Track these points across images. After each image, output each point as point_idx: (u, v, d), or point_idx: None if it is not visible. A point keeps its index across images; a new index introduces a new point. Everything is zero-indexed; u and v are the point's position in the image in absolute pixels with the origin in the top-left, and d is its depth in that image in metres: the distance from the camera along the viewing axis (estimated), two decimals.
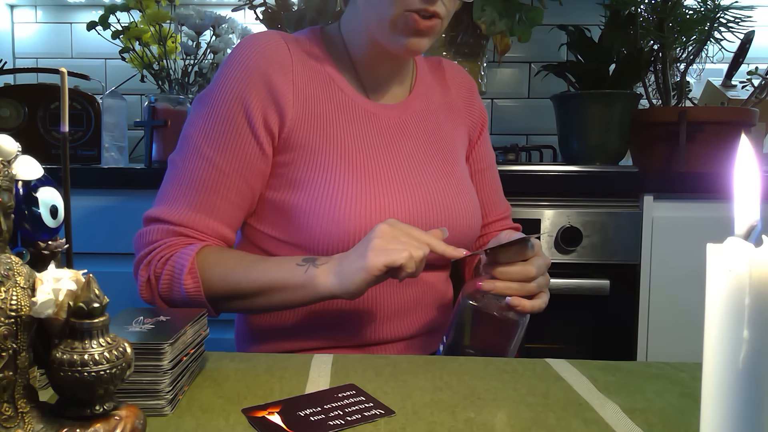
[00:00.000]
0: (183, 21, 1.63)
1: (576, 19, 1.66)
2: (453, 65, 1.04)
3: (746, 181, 0.34)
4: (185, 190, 0.79)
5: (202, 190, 0.78)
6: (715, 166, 1.41)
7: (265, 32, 0.85)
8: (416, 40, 0.78)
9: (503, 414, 0.49)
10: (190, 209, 0.78)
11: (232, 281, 0.74)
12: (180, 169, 0.80)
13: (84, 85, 1.60)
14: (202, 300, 0.75)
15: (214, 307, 0.77)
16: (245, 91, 0.79)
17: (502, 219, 1.03)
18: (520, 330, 0.72)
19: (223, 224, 0.80)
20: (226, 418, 0.47)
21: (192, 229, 0.78)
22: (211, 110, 0.80)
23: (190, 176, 0.79)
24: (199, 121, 0.80)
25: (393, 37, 0.79)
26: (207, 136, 0.79)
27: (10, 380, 0.35)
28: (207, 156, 0.79)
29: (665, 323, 1.33)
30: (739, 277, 0.31)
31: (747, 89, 1.61)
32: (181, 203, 0.79)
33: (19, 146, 0.37)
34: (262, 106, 0.79)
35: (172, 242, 0.78)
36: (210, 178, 0.78)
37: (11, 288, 0.35)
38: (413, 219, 0.80)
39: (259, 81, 0.79)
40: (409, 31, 0.77)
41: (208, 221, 0.79)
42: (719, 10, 1.40)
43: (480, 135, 1.01)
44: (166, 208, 0.79)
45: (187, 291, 0.74)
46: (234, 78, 0.79)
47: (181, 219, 0.78)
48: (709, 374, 0.34)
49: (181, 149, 0.81)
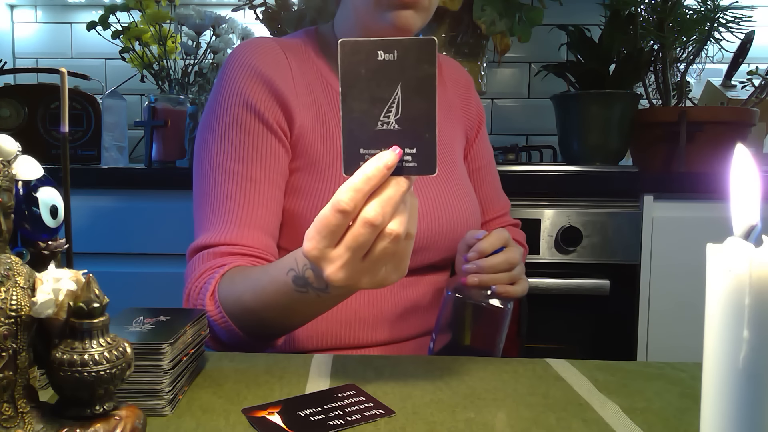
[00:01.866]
0: (183, 21, 1.63)
1: (576, 19, 1.66)
2: (449, 61, 1.03)
3: (744, 183, 0.34)
4: (219, 210, 0.75)
5: (236, 203, 0.75)
6: (715, 166, 1.41)
7: (259, 38, 0.84)
8: (403, 14, 0.76)
9: (503, 414, 0.49)
10: (230, 226, 0.74)
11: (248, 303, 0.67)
12: (207, 193, 0.76)
13: (84, 85, 1.60)
14: (227, 323, 0.69)
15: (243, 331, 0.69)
16: (250, 95, 0.77)
17: (501, 216, 1.03)
18: (506, 317, 0.73)
19: (266, 234, 0.76)
20: (226, 418, 0.47)
21: (237, 246, 0.74)
22: (220, 124, 0.77)
23: (220, 195, 0.75)
24: (210, 139, 0.77)
25: (379, 16, 0.77)
26: (225, 150, 0.76)
27: (10, 380, 0.35)
28: (231, 169, 0.75)
29: (665, 323, 1.33)
30: (739, 277, 0.31)
31: (747, 89, 1.61)
32: (218, 224, 0.74)
33: (19, 146, 0.37)
34: (270, 106, 0.78)
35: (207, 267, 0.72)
36: (240, 190, 0.75)
37: (11, 288, 0.35)
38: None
39: (262, 84, 0.78)
40: (392, 4, 0.75)
41: (251, 233, 0.74)
42: (719, 10, 1.40)
43: (478, 133, 1.00)
44: (205, 235, 0.75)
45: (211, 317, 0.69)
46: (235, 84, 0.78)
47: (222, 239, 0.74)
48: (709, 374, 0.34)
49: (202, 174, 0.77)
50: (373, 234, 0.48)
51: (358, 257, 0.50)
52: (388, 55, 0.46)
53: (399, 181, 0.48)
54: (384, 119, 0.47)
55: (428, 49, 0.46)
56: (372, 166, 0.47)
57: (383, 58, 0.46)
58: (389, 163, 0.47)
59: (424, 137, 0.47)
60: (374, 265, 0.51)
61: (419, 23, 0.78)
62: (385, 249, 0.49)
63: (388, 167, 0.47)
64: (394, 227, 0.49)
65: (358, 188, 0.47)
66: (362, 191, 0.47)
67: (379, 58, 0.46)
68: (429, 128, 0.47)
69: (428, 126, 0.47)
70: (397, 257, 0.51)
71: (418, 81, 0.47)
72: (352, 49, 0.46)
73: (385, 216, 0.48)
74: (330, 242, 0.50)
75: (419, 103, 0.47)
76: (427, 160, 0.48)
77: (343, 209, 0.47)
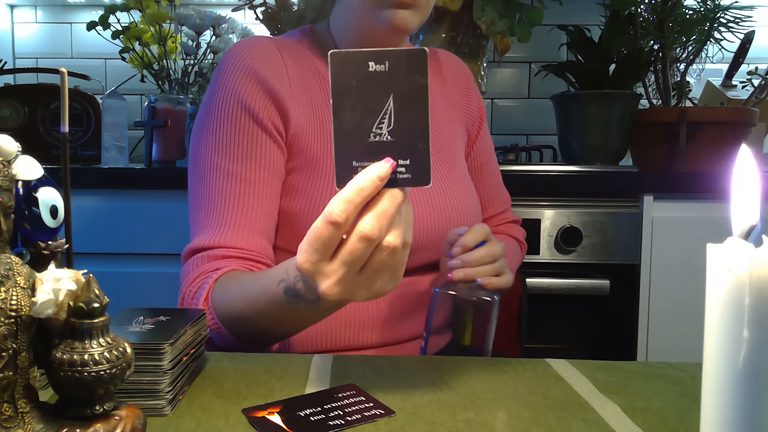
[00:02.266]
0: (183, 21, 1.63)
1: (576, 19, 1.66)
2: (449, 55, 1.02)
3: (745, 182, 0.34)
4: (213, 212, 0.74)
5: (231, 205, 0.74)
6: (715, 166, 1.41)
7: (254, 37, 0.83)
8: (399, 13, 0.76)
9: (503, 414, 0.49)
10: (225, 228, 0.73)
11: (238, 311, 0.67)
12: (201, 194, 0.76)
13: (84, 85, 1.60)
14: (220, 329, 0.69)
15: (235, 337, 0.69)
16: (245, 95, 0.77)
17: (502, 212, 1.03)
18: (494, 310, 0.73)
19: (261, 236, 0.75)
20: (226, 418, 0.47)
21: (232, 248, 0.73)
22: (215, 124, 0.77)
23: (214, 196, 0.75)
24: (205, 140, 0.77)
25: (375, 15, 0.77)
26: (219, 151, 0.76)
27: (10, 380, 0.35)
28: (225, 170, 0.75)
29: (665, 323, 1.33)
30: (739, 277, 0.31)
31: (747, 89, 1.61)
32: (213, 226, 0.74)
33: (19, 146, 0.37)
34: (265, 106, 0.77)
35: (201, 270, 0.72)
36: (235, 191, 0.74)
37: (11, 288, 0.35)
38: (414, 222, 0.80)
39: (257, 84, 0.77)
40: (388, 3, 0.75)
41: (246, 235, 0.74)
42: (719, 10, 1.40)
43: (479, 130, 1.00)
44: (200, 237, 0.74)
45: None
46: (230, 85, 0.77)
47: (217, 241, 0.73)
48: (709, 374, 0.34)
49: (197, 175, 0.77)
50: (369, 248, 0.47)
51: (354, 271, 0.49)
52: (380, 66, 0.46)
53: (394, 193, 0.47)
54: (376, 131, 0.46)
55: (419, 59, 0.45)
56: (364, 177, 0.45)
57: (374, 69, 0.46)
58: (382, 175, 0.45)
59: (417, 148, 0.47)
60: (370, 279, 0.50)
61: (416, 22, 0.78)
62: (382, 262, 0.49)
63: (381, 178, 0.45)
64: (391, 240, 0.48)
65: (350, 199, 0.46)
66: (354, 203, 0.46)
67: (370, 69, 0.46)
68: (422, 139, 0.46)
69: (421, 137, 0.46)
70: (393, 268, 0.50)
71: (410, 92, 0.46)
72: (342, 61, 0.45)
73: (382, 229, 0.47)
74: (323, 256, 0.48)
75: (412, 114, 0.46)
76: (421, 171, 0.47)
77: (335, 221, 0.46)
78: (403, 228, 0.49)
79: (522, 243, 1.03)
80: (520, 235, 1.03)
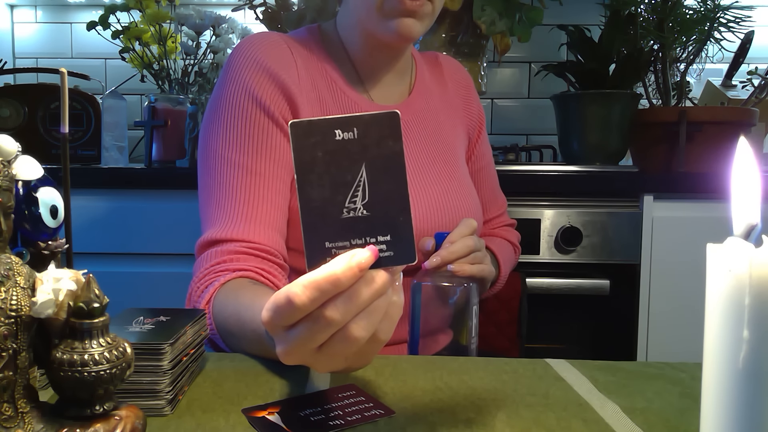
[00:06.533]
0: (183, 21, 1.63)
1: (576, 19, 1.66)
2: (450, 61, 1.03)
3: (745, 182, 0.34)
4: (224, 204, 0.74)
5: (242, 197, 0.73)
6: (714, 166, 1.41)
7: (264, 33, 0.84)
8: (405, 22, 0.76)
9: (503, 414, 0.49)
10: (236, 221, 0.73)
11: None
12: (212, 186, 0.75)
13: (84, 85, 1.60)
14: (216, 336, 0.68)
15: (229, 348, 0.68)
16: (255, 88, 0.77)
17: (499, 216, 1.03)
18: (472, 297, 0.74)
19: (273, 229, 0.74)
20: (226, 418, 0.47)
21: (245, 242, 0.72)
22: (226, 117, 0.76)
23: (225, 188, 0.74)
24: (215, 132, 0.76)
25: (382, 23, 0.77)
26: (230, 143, 0.75)
27: (10, 380, 0.35)
28: (236, 162, 0.74)
29: (665, 323, 1.33)
30: (739, 277, 0.31)
31: (747, 89, 1.61)
32: (224, 218, 0.73)
33: (19, 146, 0.37)
34: (276, 99, 0.77)
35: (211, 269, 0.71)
36: (246, 183, 0.74)
37: (11, 288, 0.35)
38: (416, 224, 0.80)
39: (268, 78, 0.77)
40: (395, 12, 0.75)
41: (258, 229, 0.73)
42: (719, 10, 1.40)
43: (480, 134, 1.01)
44: (212, 230, 0.73)
45: None
46: (240, 78, 0.77)
47: (229, 234, 0.72)
48: (709, 374, 0.34)
49: (207, 167, 0.76)
50: (328, 332, 0.41)
51: (310, 348, 0.42)
52: (347, 133, 0.40)
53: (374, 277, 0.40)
54: (350, 206, 0.41)
55: (391, 123, 0.41)
56: (342, 265, 0.39)
57: (342, 137, 0.40)
58: (362, 263, 0.39)
59: (398, 221, 0.41)
60: (330, 358, 0.43)
61: (421, 31, 0.78)
62: (341, 348, 0.42)
63: (361, 269, 0.39)
64: (354, 331, 0.41)
65: (323, 289, 0.39)
66: (326, 294, 0.39)
67: (337, 138, 0.40)
68: (403, 211, 0.41)
69: (402, 208, 0.41)
70: (359, 354, 0.44)
71: (385, 159, 0.41)
72: (305, 131, 0.40)
73: (346, 315, 0.40)
74: (284, 321, 0.42)
75: (388, 184, 0.41)
76: (405, 246, 0.41)
77: (297, 306, 0.39)
78: (376, 320, 0.42)
79: (516, 246, 1.05)
80: (515, 238, 1.04)
